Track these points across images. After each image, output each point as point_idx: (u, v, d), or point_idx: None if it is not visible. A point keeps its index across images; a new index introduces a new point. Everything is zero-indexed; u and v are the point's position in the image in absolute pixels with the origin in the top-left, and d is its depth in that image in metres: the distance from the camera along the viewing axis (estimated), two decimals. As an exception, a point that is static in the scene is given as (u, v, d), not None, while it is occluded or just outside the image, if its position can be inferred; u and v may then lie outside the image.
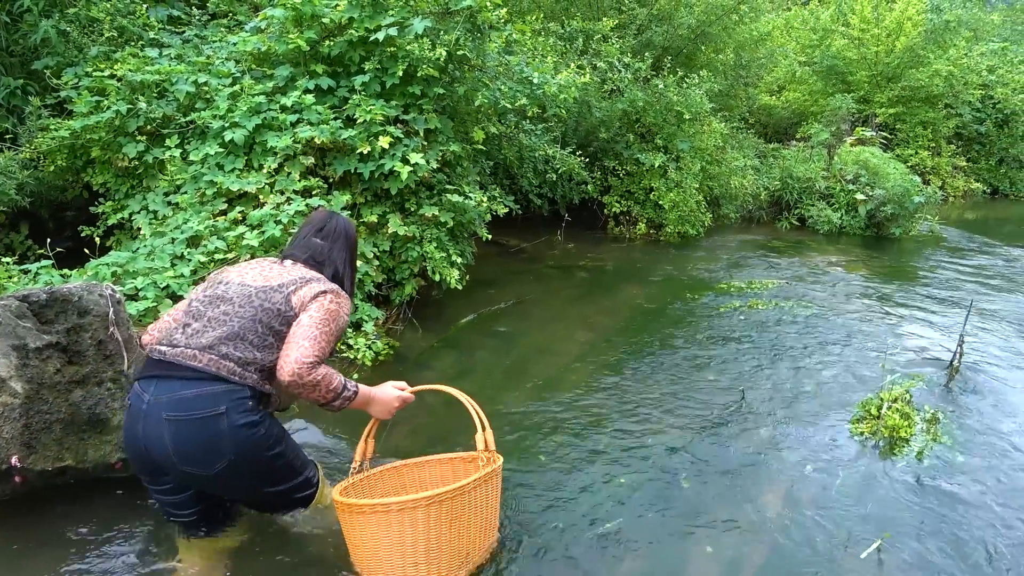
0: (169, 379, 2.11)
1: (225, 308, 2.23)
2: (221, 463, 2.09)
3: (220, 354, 2.14)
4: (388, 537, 2.10)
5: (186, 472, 2.10)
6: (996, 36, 15.35)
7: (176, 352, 2.16)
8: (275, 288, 2.27)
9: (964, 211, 12.22)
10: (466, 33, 4.58)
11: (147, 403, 2.09)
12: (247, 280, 2.31)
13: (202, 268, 3.72)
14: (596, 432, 3.28)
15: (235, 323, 2.19)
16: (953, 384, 3.99)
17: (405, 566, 2.12)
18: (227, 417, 2.08)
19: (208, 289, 2.32)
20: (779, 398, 3.71)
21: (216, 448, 2.08)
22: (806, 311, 5.22)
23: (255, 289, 2.27)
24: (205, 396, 2.08)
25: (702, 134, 7.73)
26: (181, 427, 2.06)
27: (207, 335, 2.18)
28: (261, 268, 2.38)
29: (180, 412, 2.07)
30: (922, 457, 3.17)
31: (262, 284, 2.28)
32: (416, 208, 4.53)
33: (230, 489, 2.24)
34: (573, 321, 4.91)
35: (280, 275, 2.33)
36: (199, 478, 2.12)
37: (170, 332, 2.24)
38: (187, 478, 2.14)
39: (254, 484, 2.22)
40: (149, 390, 2.11)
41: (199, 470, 2.09)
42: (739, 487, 2.90)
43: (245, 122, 4.20)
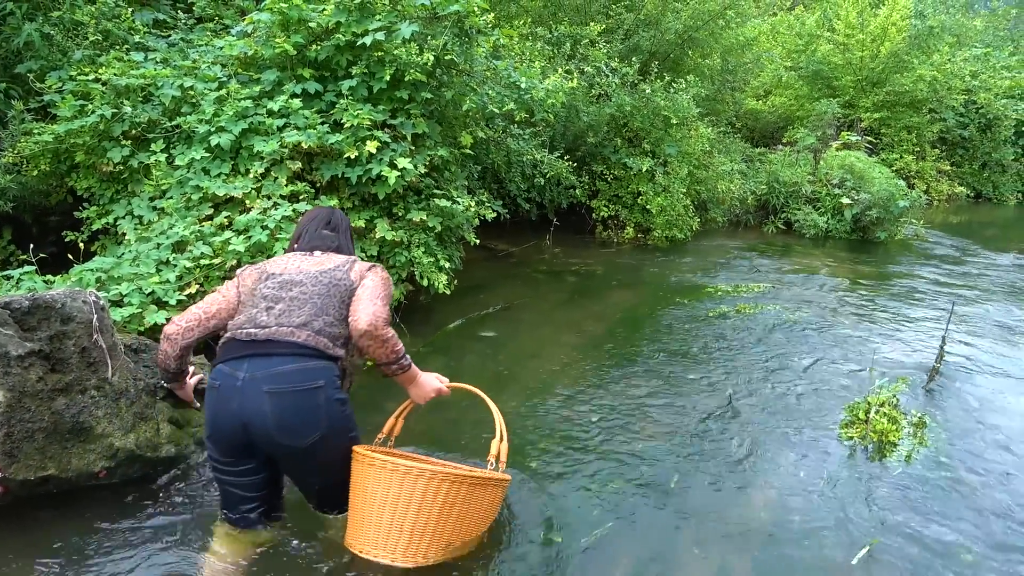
0: (266, 356, 2.21)
1: (301, 289, 2.37)
2: (314, 435, 2.20)
3: (315, 330, 2.29)
4: (386, 495, 2.19)
5: (280, 444, 2.19)
6: (979, 42, 15.51)
7: (270, 331, 2.26)
8: (333, 269, 2.44)
9: (948, 215, 12.32)
10: (453, 38, 4.58)
11: (243, 380, 2.18)
12: (302, 267, 2.45)
13: (187, 274, 3.69)
14: (585, 437, 3.27)
15: (317, 300, 2.34)
16: (935, 386, 4.02)
17: (391, 528, 2.19)
18: (324, 391, 2.22)
19: (270, 282, 2.41)
20: (767, 402, 3.72)
21: (313, 420, 2.20)
22: (793, 315, 5.24)
23: (317, 272, 2.42)
24: (305, 370, 2.21)
25: (689, 139, 7.76)
26: (283, 399, 2.17)
27: (297, 314, 2.31)
28: (302, 259, 2.51)
29: (281, 385, 2.17)
30: (910, 460, 3.19)
31: (319, 268, 2.44)
32: (404, 213, 4.51)
33: (310, 466, 2.31)
34: (562, 326, 4.91)
35: (326, 261, 2.49)
36: (290, 450, 2.21)
37: (251, 318, 2.32)
38: (277, 451, 2.22)
39: (330, 466, 2.31)
40: (243, 368, 2.20)
41: (293, 441, 2.19)
42: (728, 491, 2.90)
43: (231, 126, 4.17)
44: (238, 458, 2.27)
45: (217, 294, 2.50)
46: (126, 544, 2.43)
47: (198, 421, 2.90)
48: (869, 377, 4.02)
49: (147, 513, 2.58)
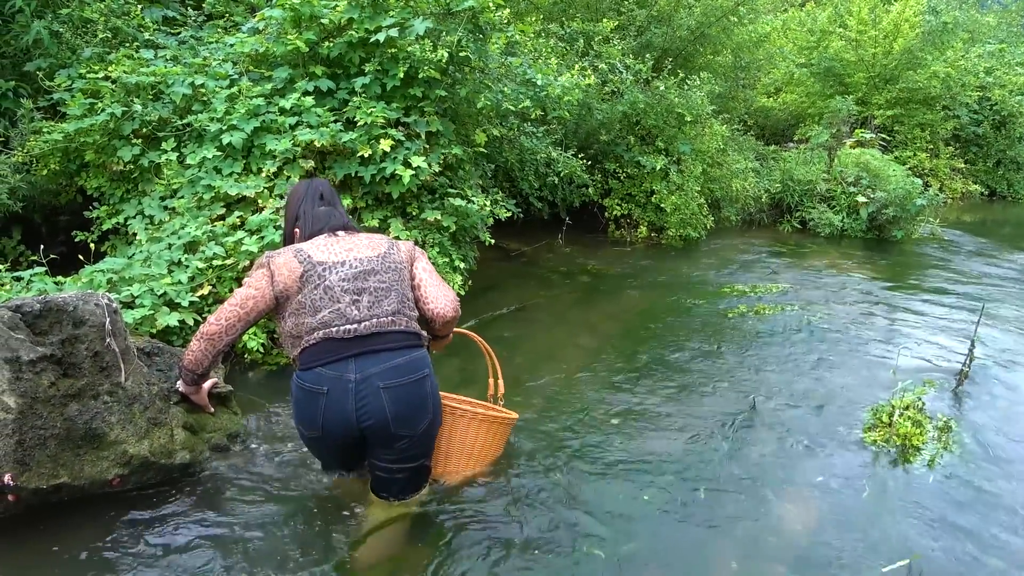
0: (372, 353, 2.28)
1: (379, 278, 2.40)
2: (425, 421, 2.36)
3: (408, 316, 2.41)
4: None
5: (396, 435, 2.31)
6: (992, 38, 15.34)
7: (371, 324, 2.31)
8: (388, 252, 2.48)
9: (962, 213, 12.18)
10: (468, 34, 4.50)
11: (355, 381, 2.24)
12: (358, 253, 2.44)
13: (200, 275, 3.64)
14: (607, 444, 3.20)
15: (397, 287, 2.42)
16: (963, 390, 3.92)
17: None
18: (429, 379, 2.38)
19: (331, 273, 2.37)
20: (790, 406, 3.64)
21: (424, 407, 2.35)
22: (812, 315, 5.15)
23: (378, 256, 2.45)
24: (412, 361, 2.32)
25: (703, 136, 7.66)
26: (399, 392, 2.28)
27: (386, 303, 2.38)
28: (343, 243, 2.48)
29: (396, 379, 2.28)
30: (933, 466, 3.10)
31: (372, 252, 2.46)
32: (418, 212, 4.45)
33: (418, 449, 2.43)
34: (577, 327, 4.83)
35: (368, 244, 2.50)
36: (402, 438, 2.33)
37: (341, 313, 2.31)
38: (390, 441, 2.33)
39: (426, 450, 2.48)
40: (350, 368, 2.25)
41: (409, 431, 2.33)
42: (757, 499, 2.82)
43: (243, 125, 4.11)
44: (346, 452, 2.43)
45: (248, 288, 2.41)
46: (140, 554, 2.36)
47: (213, 427, 2.84)
48: (892, 379, 3.92)
49: (161, 522, 2.51)
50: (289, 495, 2.72)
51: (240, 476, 2.78)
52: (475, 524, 2.59)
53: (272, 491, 2.73)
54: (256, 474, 2.81)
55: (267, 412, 3.31)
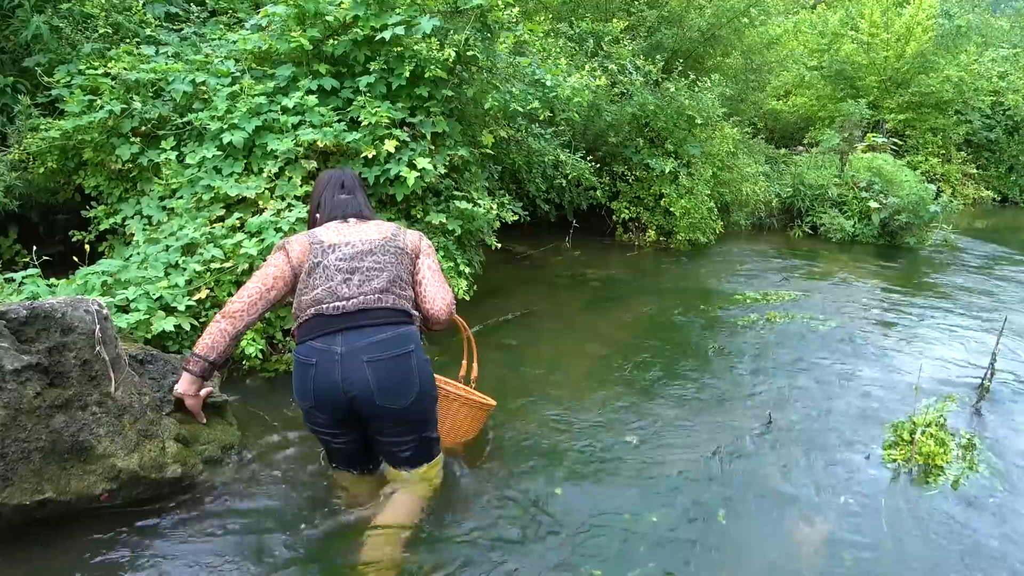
0: (358, 328, 2.34)
1: (374, 259, 2.47)
2: (412, 395, 2.39)
3: (397, 295, 2.45)
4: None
5: (383, 407, 2.35)
6: (1006, 42, 15.17)
7: (358, 301, 2.38)
8: (389, 238, 2.54)
9: (974, 219, 12.03)
10: (476, 33, 4.39)
11: (340, 353, 2.31)
12: (363, 236, 2.52)
13: (197, 278, 3.53)
14: (618, 460, 3.07)
15: (392, 268, 2.47)
16: (984, 405, 3.80)
17: None
18: (415, 354, 2.41)
19: (331, 253, 2.46)
20: (807, 421, 3.51)
21: (410, 382, 2.38)
22: (826, 325, 5.02)
23: (381, 239, 2.52)
24: (397, 336, 2.37)
25: (714, 139, 7.54)
26: (381, 366, 2.33)
27: (376, 281, 2.43)
28: (351, 227, 2.57)
29: (379, 353, 2.33)
30: (957, 487, 2.97)
31: (378, 236, 2.54)
32: (423, 215, 4.33)
33: (406, 425, 2.47)
34: (583, 333, 4.71)
35: (376, 229, 2.58)
36: (391, 412, 2.38)
37: (332, 291, 2.39)
38: (380, 413, 2.38)
39: (424, 418, 2.52)
40: (337, 341, 2.33)
41: (395, 403, 2.37)
42: (774, 522, 2.70)
43: (244, 124, 4.00)
44: (343, 428, 2.44)
45: (268, 267, 2.52)
46: (129, 572, 2.25)
47: (207, 439, 2.72)
48: (914, 395, 3.79)
49: (150, 539, 2.40)
50: (286, 510, 2.61)
51: (235, 490, 2.67)
52: (479, 544, 2.47)
53: (267, 506, 2.61)
54: (251, 488, 2.70)
55: (265, 422, 3.20)
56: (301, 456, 2.93)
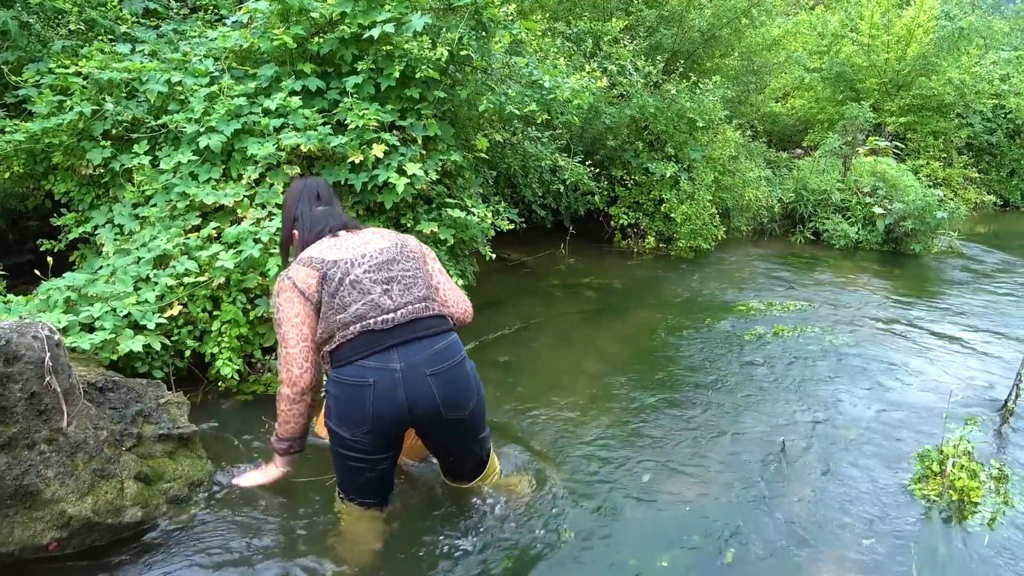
0: (413, 341, 2.24)
1: (402, 266, 2.37)
2: (472, 401, 2.33)
3: (436, 301, 2.38)
4: None
5: (448, 420, 2.28)
6: (1006, 45, 14.99)
7: (406, 312, 2.27)
8: (400, 243, 2.45)
9: (975, 224, 11.84)
10: (470, 31, 4.15)
11: (401, 370, 2.20)
12: (372, 247, 2.39)
13: (170, 293, 3.28)
14: (622, 495, 2.83)
15: (420, 274, 2.39)
16: (1009, 429, 3.58)
17: None
18: (467, 360, 2.37)
19: (357, 266, 2.32)
20: (823, 448, 3.28)
21: (469, 388, 2.32)
22: (835, 338, 4.80)
23: (391, 246, 2.41)
24: (451, 344, 2.31)
25: (715, 143, 7.31)
26: (445, 377, 2.25)
27: (415, 289, 2.34)
28: (353, 240, 2.44)
29: (439, 365, 2.25)
30: (994, 526, 2.75)
31: (388, 243, 2.43)
32: (413, 224, 4.09)
33: (473, 431, 2.44)
34: (583, 350, 4.47)
35: (381, 237, 2.47)
36: (456, 423, 2.32)
37: (375, 304, 2.26)
38: (444, 426, 2.32)
39: (479, 426, 2.46)
40: (393, 357, 2.21)
41: (460, 413, 2.30)
42: (793, 566, 2.46)
43: (223, 127, 3.74)
44: (389, 452, 2.33)
45: (291, 318, 2.32)
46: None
47: (172, 475, 2.48)
48: (941, 421, 3.56)
49: (106, 592, 2.16)
50: (265, 554, 2.36)
51: (203, 532, 2.42)
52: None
53: (242, 550, 2.37)
54: (222, 529, 2.45)
55: (241, 451, 2.95)
56: (284, 489, 2.68)
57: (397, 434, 2.31)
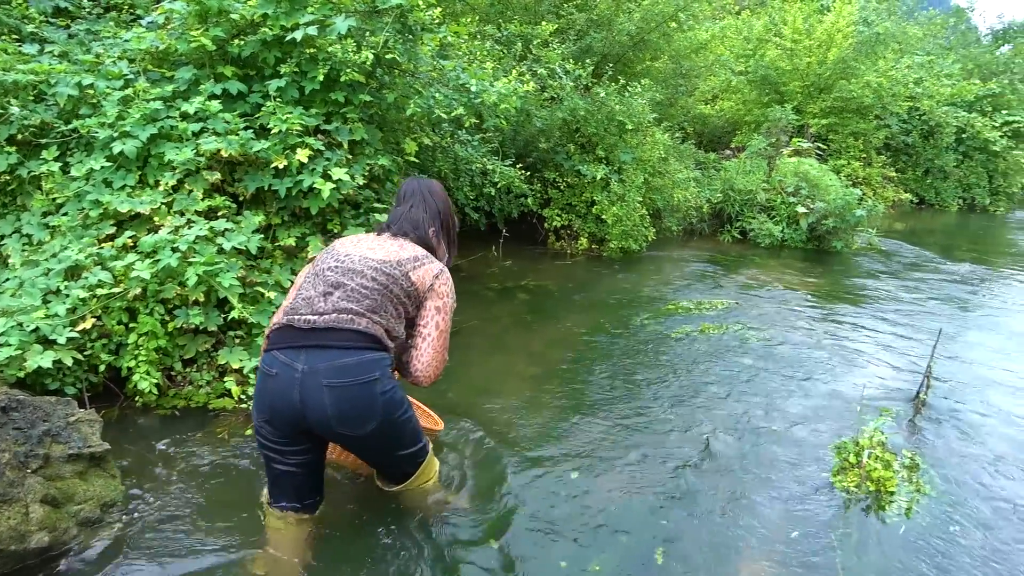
0: (324, 348, 2.20)
1: (361, 280, 2.32)
2: (372, 424, 2.24)
3: (372, 319, 2.27)
4: None
5: (339, 433, 2.23)
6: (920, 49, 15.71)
7: (329, 319, 2.24)
8: (396, 263, 2.38)
9: (894, 221, 12.36)
10: (395, 34, 4.11)
11: (301, 372, 2.17)
12: (367, 253, 2.39)
13: (82, 305, 3.15)
14: (553, 499, 2.84)
15: (376, 297, 2.30)
16: (921, 419, 3.74)
17: None
18: (380, 383, 2.23)
19: (331, 261, 2.39)
20: (747, 444, 3.36)
21: (370, 411, 2.22)
22: (759, 335, 4.93)
23: (378, 262, 2.36)
24: (362, 363, 2.20)
25: (645, 145, 7.43)
26: (342, 392, 2.18)
27: (354, 303, 2.27)
28: (370, 242, 2.46)
29: (342, 379, 2.18)
30: (910, 514, 2.86)
31: (383, 258, 2.38)
32: (340, 229, 4.03)
33: (369, 448, 2.38)
34: (516, 353, 4.48)
35: (393, 250, 2.42)
36: (349, 438, 2.27)
37: (310, 302, 2.29)
38: (337, 439, 2.29)
39: (391, 445, 2.39)
40: (300, 359, 2.19)
41: (353, 430, 2.23)
42: (721, 559, 2.51)
43: (138, 131, 3.61)
44: (294, 438, 2.27)
45: (301, 279, 2.47)
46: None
47: (83, 496, 2.37)
48: (855, 413, 3.70)
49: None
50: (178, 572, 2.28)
51: (116, 555, 2.33)
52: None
53: (155, 571, 2.29)
54: (136, 551, 2.37)
55: (159, 469, 2.85)
56: (204, 510, 2.60)
57: (295, 432, 2.24)
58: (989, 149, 14.71)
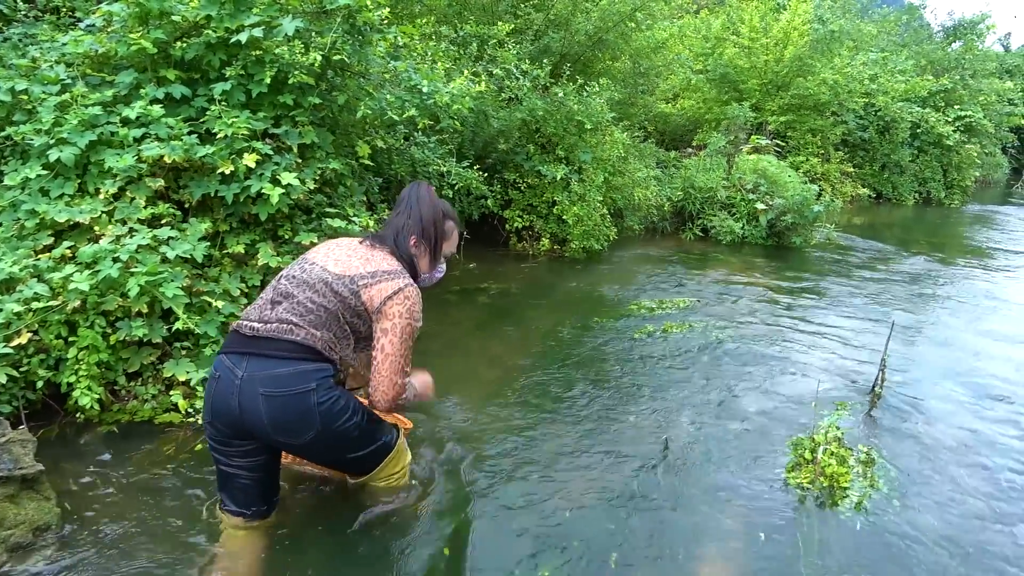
0: (263, 357, 2.22)
1: (310, 295, 2.32)
2: (310, 433, 2.24)
3: (310, 332, 2.26)
4: None
5: (278, 440, 2.25)
6: (874, 47, 15.98)
7: (271, 328, 2.26)
8: (349, 279, 2.34)
9: (852, 216, 12.55)
10: (344, 35, 4.03)
11: (240, 379, 2.20)
12: (328, 265, 2.38)
13: (16, 320, 3.02)
14: (504, 504, 2.80)
15: (320, 313, 2.30)
16: (877, 412, 3.76)
17: None
18: (315, 393, 2.22)
19: (296, 268, 2.41)
20: (705, 443, 3.35)
21: (307, 420, 2.22)
22: (720, 332, 4.94)
23: (332, 277, 2.34)
24: (299, 374, 2.21)
25: (604, 144, 7.42)
26: (277, 402, 2.19)
27: (296, 316, 2.28)
28: (343, 251, 2.44)
29: (276, 388, 2.19)
30: (861, 508, 2.87)
31: (338, 272, 2.35)
32: (291, 235, 3.94)
33: (316, 455, 2.43)
34: (476, 357, 4.43)
35: (355, 264, 2.38)
36: (288, 445, 2.29)
37: (260, 308, 2.34)
38: (277, 445, 2.30)
39: (338, 451, 2.40)
40: (242, 366, 2.21)
41: (290, 439, 2.25)
42: (677, 563, 2.49)
43: (76, 138, 3.49)
44: (240, 438, 2.27)
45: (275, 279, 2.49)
46: None
47: (13, 521, 2.27)
48: (812, 408, 3.71)
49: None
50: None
51: (51, 581, 2.23)
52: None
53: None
54: None
55: (98, 488, 2.74)
56: (147, 532, 2.50)
57: (237, 434, 2.25)
58: (943, 144, 15.01)
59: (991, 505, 2.96)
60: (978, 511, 2.91)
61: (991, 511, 2.92)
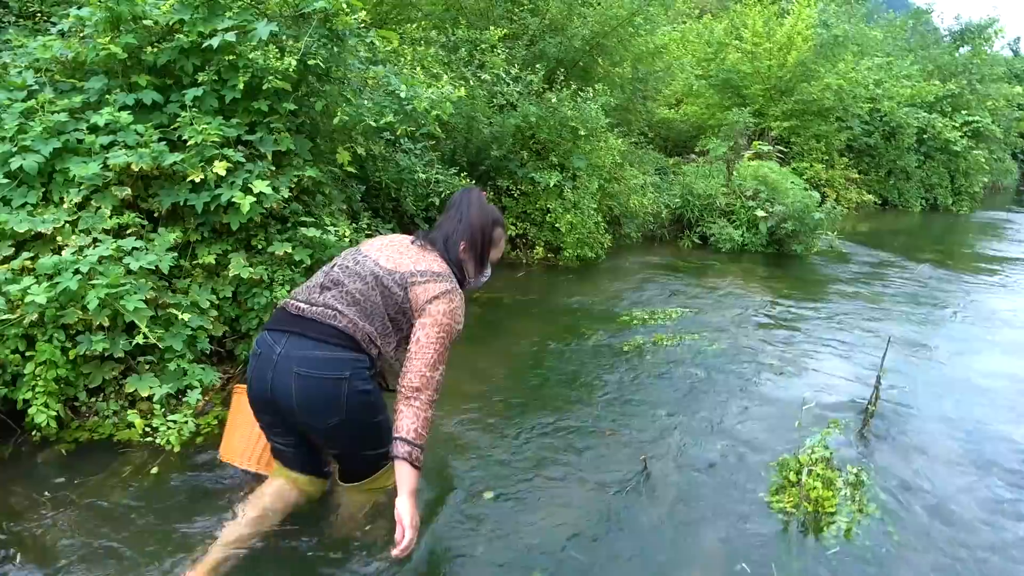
0: (303, 337, 2.27)
1: (360, 286, 2.35)
2: (334, 420, 2.26)
3: (353, 321, 2.29)
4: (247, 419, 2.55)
5: (301, 421, 2.29)
6: (880, 52, 15.80)
7: (316, 311, 2.31)
8: (399, 275, 2.36)
9: (857, 223, 12.37)
10: (320, 40, 3.92)
11: (278, 355, 2.25)
12: (380, 260, 2.41)
13: (-29, 334, 2.91)
14: (475, 529, 2.67)
15: (367, 306, 2.33)
16: (870, 431, 3.61)
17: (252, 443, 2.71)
18: (348, 382, 2.24)
19: (350, 258, 2.46)
20: (688, 465, 3.21)
21: (334, 406, 2.25)
22: (712, 346, 4.80)
23: (383, 271, 2.37)
24: (334, 360, 2.24)
25: (599, 151, 7.29)
26: (308, 383, 2.23)
27: (343, 304, 2.32)
28: (395, 247, 2.47)
29: (310, 369, 2.23)
30: (851, 536, 2.72)
31: (390, 267, 2.38)
32: (265, 245, 3.82)
33: (334, 442, 2.41)
34: (461, 371, 4.26)
35: (406, 261, 2.40)
36: (310, 427, 2.32)
37: (309, 290, 2.40)
38: (299, 425, 2.33)
39: (355, 444, 2.39)
40: (281, 342, 2.27)
41: (314, 422, 2.28)
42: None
43: (40, 146, 3.39)
44: (273, 418, 2.36)
45: (329, 263, 2.56)
46: None
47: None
48: (796, 421, 3.57)
49: None
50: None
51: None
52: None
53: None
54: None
55: (50, 511, 2.63)
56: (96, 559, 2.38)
57: (265, 409, 2.33)
58: (950, 149, 14.82)
59: (989, 532, 2.82)
60: (975, 540, 2.76)
61: (989, 539, 2.77)
